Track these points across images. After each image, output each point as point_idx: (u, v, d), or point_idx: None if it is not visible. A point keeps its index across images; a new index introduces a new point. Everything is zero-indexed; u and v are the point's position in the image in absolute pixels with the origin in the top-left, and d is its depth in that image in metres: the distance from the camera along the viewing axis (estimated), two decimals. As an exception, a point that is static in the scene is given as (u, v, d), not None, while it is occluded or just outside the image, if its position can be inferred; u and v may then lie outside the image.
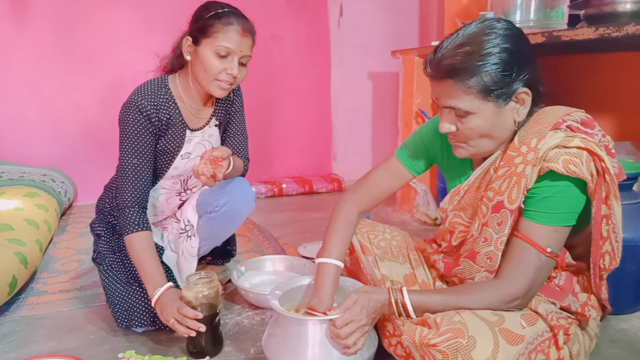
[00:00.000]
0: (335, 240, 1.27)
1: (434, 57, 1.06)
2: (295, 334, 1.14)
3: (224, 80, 1.46)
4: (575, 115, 1.08)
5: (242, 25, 1.45)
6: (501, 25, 1.04)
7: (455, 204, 1.22)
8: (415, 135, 1.33)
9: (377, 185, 1.32)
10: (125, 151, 1.46)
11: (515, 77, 1.03)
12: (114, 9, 2.93)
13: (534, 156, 1.03)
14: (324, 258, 1.24)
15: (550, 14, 2.02)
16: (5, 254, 1.66)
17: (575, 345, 1.09)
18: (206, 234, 1.62)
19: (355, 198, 1.33)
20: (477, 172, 1.17)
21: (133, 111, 1.45)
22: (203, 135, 1.62)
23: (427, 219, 2.65)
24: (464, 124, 1.07)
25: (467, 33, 1.04)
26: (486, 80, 1.01)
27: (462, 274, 1.21)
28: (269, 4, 3.26)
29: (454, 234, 1.23)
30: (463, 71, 1.02)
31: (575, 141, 1.01)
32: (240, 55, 1.45)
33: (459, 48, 1.03)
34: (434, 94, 1.10)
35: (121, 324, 1.47)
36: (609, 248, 1.09)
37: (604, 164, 1.01)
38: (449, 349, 0.95)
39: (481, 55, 1.01)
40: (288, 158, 3.56)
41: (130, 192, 1.44)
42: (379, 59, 3.51)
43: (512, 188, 1.06)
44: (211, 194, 1.62)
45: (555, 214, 1.04)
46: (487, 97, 1.03)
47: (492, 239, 1.12)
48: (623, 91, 2.16)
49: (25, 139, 2.89)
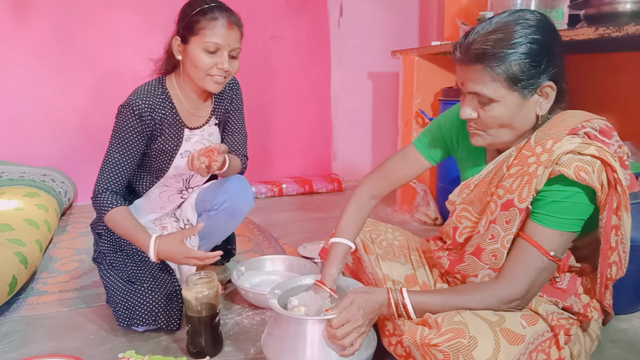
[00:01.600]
0: (346, 222, 1.30)
1: (464, 41, 1.05)
2: (294, 333, 1.14)
3: (216, 75, 1.47)
4: (595, 123, 1.07)
5: (228, 18, 1.45)
6: (534, 16, 1.04)
7: (464, 197, 1.22)
8: (433, 123, 1.33)
9: (394, 172, 1.33)
10: (111, 146, 1.50)
11: (543, 70, 1.02)
12: (114, 10, 2.93)
13: (547, 157, 1.03)
14: (335, 238, 1.28)
15: (550, 14, 2.02)
16: (5, 254, 1.67)
17: (576, 346, 1.09)
18: (206, 233, 1.63)
19: (370, 183, 1.34)
20: (490, 166, 1.17)
21: (126, 110, 1.48)
22: (202, 134, 1.63)
23: (427, 219, 2.65)
24: (486, 111, 1.06)
25: (500, 21, 1.04)
26: (515, 69, 1.01)
27: (466, 271, 1.21)
28: (269, 4, 3.25)
29: (457, 229, 1.23)
30: (492, 57, 1.01)
31: (591, 149, 1.00)
32: (230, 48, 1.46)
33: (491, 34, 1.02)
34: (460, 79, 1.09)
35: (122, 323, 1.47)
36: (617, 258, 1.08)
37: (616, 175, 1.00)
38: (450, 349, 0.95)
39: (512, 43, 1.00)
40: (288, 158, 3.56)
41: (104, 181, 1.49)
42: (379, 59, 3.51)
43: (523, 187, 1.06)
44: (210, 192, 1.63)
45: (562, 219, 1.04)
46: (513, 87, 1.03)
47: (499, 237, 1.12)
48: (623, 91, 2.16)
49: (25, 139, 2.89)
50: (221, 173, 1.56)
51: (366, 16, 3.50)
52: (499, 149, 1.17)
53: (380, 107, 3.65)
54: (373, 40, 3.52)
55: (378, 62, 3.54)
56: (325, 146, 3.66)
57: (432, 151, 1.31)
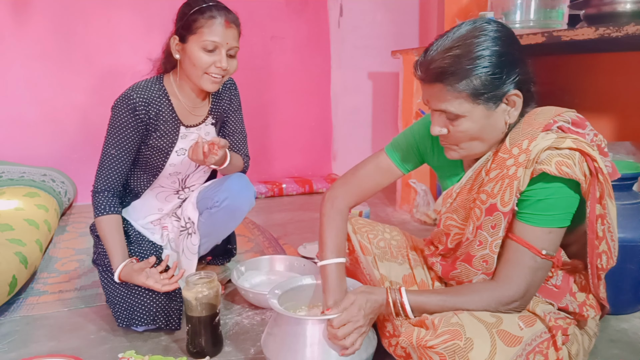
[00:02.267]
0: (331, 239, 1.27)
1: (423, 59, 1.05)
2: (293, 333, 1.15)
3: (213, 73, 1.48)
4: (566, 116, 1.07)
5: (225, 16, 1.46)
6: (491, 27, 1.03)
7: (448, 206, 1.22)
8: (406, 132, 1.32)
9: (366, 181, 1.32)
10: (107, 141, 1.52)
11: (506, 80, 1.02)
12: (114, 9, 2.93)
13: (525, 158, 1.03)
14: (325, 260, 1.24)
15: (550, 14, 2.02)
16: (5, 254, 1.67)
17: (574, 345, 1.09)
18: (207, 231, 1.63)
19: (344, 194, 1.32)
20: (469, 173, 1.17)
21: (121, 104, 1.49)
22: (199, 132, 1.63)
23: (427, 219, 2.66)
24: (455, 126, 1.06)
25: (456, 36, 1.03)
26: (476, 84, 1.01)
27: (460, 277, 1.21)
28: (269, 4, 3.25)
29: (449, 236, 1.23)
30: (452, 75, 1.01)
31: (567, 142, 1.00)
32: (227, 47, 1.47)
33: (448, 51, 1.02)
34: (425, 97, 1.10)
35: (121, 324, 1.47)
36: (605, 247, 1.08)
37: (596, 164, 1.00)
38: (447, 351, 0.94)
39: (470, 58, 1.00)
40: (288, 158, 3.56)
41: (103, 179, 1.51)
42: (379, 59, 3.51)
43: (505, 190, 1.06)
44: (211, 190, 1.63)
45: (549, 216, 1.04)
46: (477, 100, 1.02)
47: (487, 242, 1.11)
48: (623, 91, 2.16)
49: (25, 139, 2.89)
50: (222, 170, 1.56)
51: (366, 16, 3.50)
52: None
53: (380, 107, 3.65)
54: (373, 40, 3.52)
55: (378, 62, 3.53)
56: (325, 146, 3.66)
57: (405, 160, 1.30)
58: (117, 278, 1.45)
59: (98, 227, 1.51)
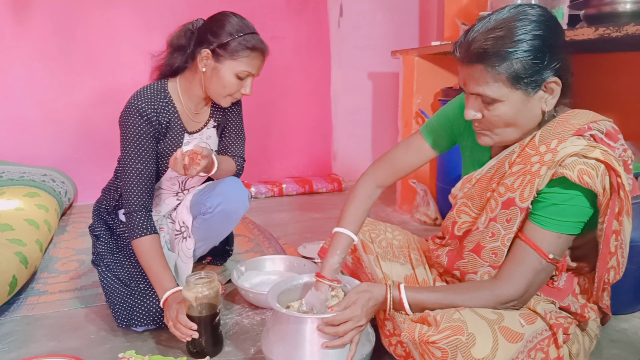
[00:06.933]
0: (350, 212, 1.28)
1: (464, 40, 1.04)
2: (293, 331, 1.15)
3: (236, 96, 1.51)
4: (602, 125, 1.05)
5: (264, 51, 1.49)
6: (535, 11, 1.02)
7: (465, 191, 1.21)
8: (440, 112, 1.31)
9: (398, 161, 1.32)
10: (127, 155, 1.46)
11: (547, 66, 1.00)
12: (114, 9, 2.93)
13: (551, 158, 1.02)
14: (338, 228, 1.26)
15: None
16: (5, 254, 1.67)
17: (575, 344, 1.09)
18: (202, 235, 1.62)
19: (375, 172, 1.33)
20: (492, 162, 1.16)
21: (134, 115, 1.46)
22: (201, 137, 1.63)
23: (427, 219, 2.66)
24: (490, 111, 1.05)
25: (499, 18, 1.02)
26: (516, 67, 0.99)
27: (465, 268, 1.21)
28: (269, 4, 3.26)
29: (456, 224, 1.23)
30: (493, 56, 0.99)
31: (596, 152, 0.99)
32: (256, 76, 1.51)
33: (491, 32, 1.00)
34: (461, 79, 1.08)
35: (121, 324, 1.47)
36: (615, 263, 1.07)
37: (620, 179, 0.98)
38: (449, 346, 0.94)
39: (513, 41, 0.98)
40: (288, 158, 3.56)
41: (136, 196, 1.46)
42: (379, 59, 3.51)
43: (525, 186, 1.05)
44: (204, 194, 1.61)
45: (562, 222, 1.03)
46: (515, 85, 1.01)
47: (499, 235, 1.11)
48: (623, 91, 2.16)
49: (25, 139, 2.89)
50: (213, 175, 1.54)
51: (366, 16, 3.50)
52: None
53: (380, 107, 3.65)
54: (373, 40, 3.52)
55: (378, 62, 3.54)
56: (325, 146, 3.66)
57: (438, 140, 1.29)
58: (162, 304, 1.38)
59: (138, 248, 1.43)
